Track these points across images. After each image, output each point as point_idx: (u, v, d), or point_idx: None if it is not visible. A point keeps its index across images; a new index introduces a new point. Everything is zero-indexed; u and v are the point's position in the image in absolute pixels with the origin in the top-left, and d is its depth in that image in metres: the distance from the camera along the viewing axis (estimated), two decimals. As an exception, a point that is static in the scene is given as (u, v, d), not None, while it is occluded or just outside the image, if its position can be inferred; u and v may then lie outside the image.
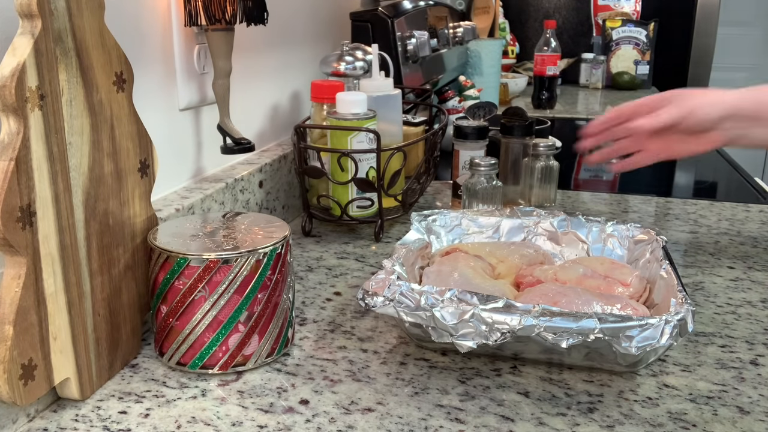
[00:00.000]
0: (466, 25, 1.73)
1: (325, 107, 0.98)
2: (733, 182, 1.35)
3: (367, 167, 0.91)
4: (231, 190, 0.86)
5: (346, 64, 1.04)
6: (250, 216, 0.67)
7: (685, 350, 0.66)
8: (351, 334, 0.69)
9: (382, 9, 1.29)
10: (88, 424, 0.55)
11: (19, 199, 0.48)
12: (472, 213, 0.84)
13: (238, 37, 0.88)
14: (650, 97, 0.83)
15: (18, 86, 0.48)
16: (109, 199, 0.59)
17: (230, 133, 0.83)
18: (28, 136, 0.49)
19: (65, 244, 0.54)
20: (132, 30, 0.71)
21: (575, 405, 0.57)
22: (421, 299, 0.59)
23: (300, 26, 1.12)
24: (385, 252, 0.91)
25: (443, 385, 0.60)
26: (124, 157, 0.61)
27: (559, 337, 0.56)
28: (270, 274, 0.61)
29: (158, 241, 0.61)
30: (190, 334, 0.60)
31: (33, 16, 0.49)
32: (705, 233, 0.99)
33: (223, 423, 0.55)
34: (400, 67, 1.29)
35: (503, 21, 2.41)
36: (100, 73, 0.57)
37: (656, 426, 0.55)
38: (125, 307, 0.62)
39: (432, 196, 1.16)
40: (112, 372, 0.61)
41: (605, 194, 1.19)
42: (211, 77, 0.81)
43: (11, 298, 0.49)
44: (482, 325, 0.57)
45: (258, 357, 0.62)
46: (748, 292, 0.80)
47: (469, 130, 1.01)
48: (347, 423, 0.55)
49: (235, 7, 0.75)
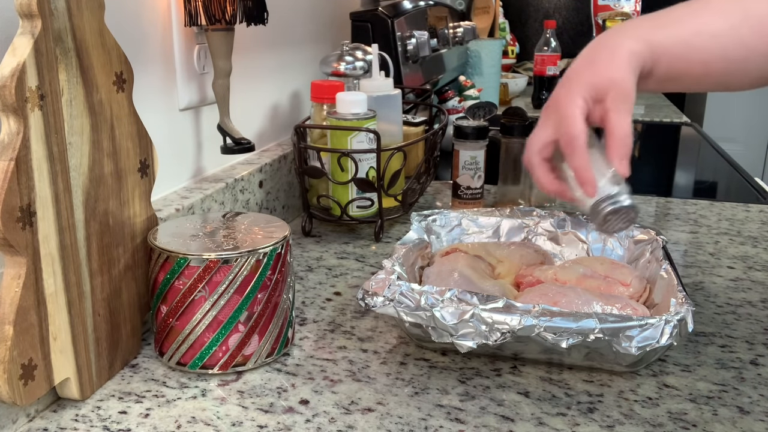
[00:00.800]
0: (466, 25, 1.73)
1: (325, 107, 0.98)
2: (733, 182, 1.35)
3: (367, 167, 0.91)
4: (231, 190, 0.86)
5: (346, 64, 1.04)
6: (250, 216, 0.67)
7: (685, 350, 0.66)
8: (351, 334, 0.69)
9: (382, 9, 1.29)
10: (88, 424, 0.55)
11: (19, 199, 0.48)
12: (472, 213, 0.84)
13: (238, 37, 0.88)
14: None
15: (18, 86, 0.48)
16: (109, 199, 0.59)
17: (230, 133, 0.83)
18: (28, 136, 0.49)
19: (65, 244, 0.54)
20: (132, 30, 0.71)
21: (575, 405, 0.57)
22: (421, 299, 0.59)
23: (300, 26, 1.12)
24: (385, 252, 0.91)
25: (443, 385, 0.60)
26: (124, 157, 0.61)
27: (559, 337, 0.56)
28: (270, 274, 0.61)
29: (158, 241, 0.61)
30: (190, 334, 0.60)
31: (33, 16, 0.49)
32: (705, 233, 0.99)
33: (223, 423, 0.55)
34: (400, 67, 1.29)
35: (503, 21, 2.41)
36: (100, 73, 0.57)
37: (656, 426, 0.55)
38: (125, 307, 0.62)
39: (432, 196, 1.16)
40: (112, 372, 0.61)
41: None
42: (211, 77, 0.81)
43: (11, 298, 0.49)
44: (482, 325, 0.57)
45: (258, 357, 0.62)
46: (748, 292, 0.80)
47: (469, 130, 1.01)
48: (347, 423, 0.55)
49: (235, 7, 0.75)
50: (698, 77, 0.61)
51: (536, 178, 0.63)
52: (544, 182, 0.63)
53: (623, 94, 0.58)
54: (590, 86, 0.59)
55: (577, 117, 0.59)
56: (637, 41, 0.60)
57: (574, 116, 0.59)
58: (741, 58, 0.60)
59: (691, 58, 0.60)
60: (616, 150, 0.58)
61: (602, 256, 0.78)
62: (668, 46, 0.60)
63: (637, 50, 0.59)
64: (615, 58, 0.59)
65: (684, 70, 0.61)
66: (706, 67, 0.60)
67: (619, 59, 0.59)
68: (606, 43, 0.61)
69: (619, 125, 0.58)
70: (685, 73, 0.61)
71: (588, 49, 0.62)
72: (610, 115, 0.58)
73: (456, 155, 1.03)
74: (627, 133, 0.58)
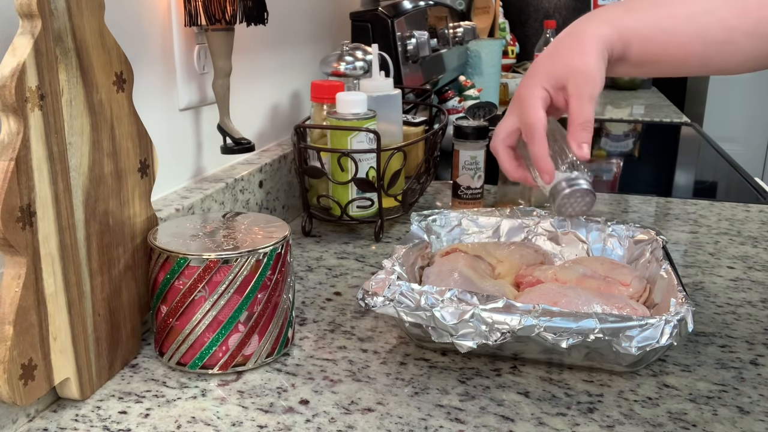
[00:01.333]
0: (466, 25, 1.73)
1: (325, 107, 0.98)
2: (733, 182, 1.35)
3: (367, 167, 0.91)
4: (231, 190, 0.86)
5: (346, 64, 1.04)
6: (250, 216, 0.67)
7: (685, 350, 0.66)
8: (351, 334, 0.69)
9: (382, 9, 1.29)
10: (88, 424, 0.55)
11: (19, 199, 0.48)
12: (472, 213, 0.84)
13: (238, 37, 0.88)
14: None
15: (18, 86, 0.48)
16: (109, 199, 0.59)
17: (230, 133, 0.83)
18: (28, 136, 0.49)
19: (65, 244, 0.54)
20: (132, 30, 0.71)
21: (575, 405, 0.57)
22: (421, 299, 0.59)
23: (300, 26, 1.12)
24: (385, 252, 0.91)
25: (443, 385, 0.60)
26: (124, 157, 0.61)
27: (559, 337, 0.56)
28: (270, 274, 0.61)
29: (158, 241, 0.61)
30: (190, 334, 0.60)
31: (33, 16, 0.49)
32: (705, 233, 0.99)
33: (223, 423, 0.55)
34: (400, 67, 1.29)
35: (503, 21, 2.41)
36: (100, 73, 0.57)
37: (656, 426, 0.55)
38: (125, 307, 0.62)
39: (432, 196, 1.16)
40: (112, 372, 0.61)
41: (605, 194, 1.19)
42: (211, 77, 0.81)
43: (11, 298, 0.49)
44: (482, 325, 0.57)
45: (258, 357, 0.62)
46: (748, 292, 0.80)
47: (469, 130, 1.01)
48: (347, 423, 0.55)
49: (235, 7, 0.75)
50: (678, 60, 0.60)
51: (501, 164, 0.65)
52: (508, 169, 0.65)
53: (584, 79, 0.58)
54: (550, 75, 0.60)
55: (535, 106, 0.60)
56: (605, 25, 0.60)
57: (533, 106, 0.60)
58: (722, 40, 0.58)
59: (667, 41, 0.59)
60: (574, 135, 0.59)
61: (602, 256, 0.78)
62: (639, 29, 0.60)
63: (604, 34, 0.59)
64: (579, 45, 0.59)
65: (660, 53, 0.60)
66: (684, 50, 0.59)
67: (584, 45, 0.59)
68: (573, 30, 0.62)
69: (577, 111, 0.58)
70: (662, 56, 0.60)
71: (556, 38, 0.63)
72: (571, 101, 0.59)
73: (456, 155, 1.03)
74: (586, 118, 0.59)
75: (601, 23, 0.60)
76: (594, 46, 0.59)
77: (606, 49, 0.59)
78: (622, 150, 1.59)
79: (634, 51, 0.60)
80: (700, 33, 0.58)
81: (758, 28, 0.57)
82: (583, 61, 0.59)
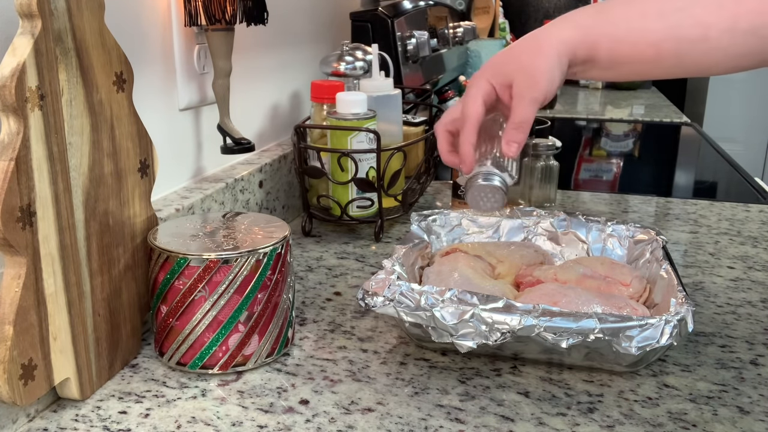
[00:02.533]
0: (466, 25, 1.73)
1: (325, 107, 0.98)
2: (733, 182, 1.35)
3: (367, 167, 0.91)
4: (231, 190, 0.86)
5: (346, 64, 1.04)
6: (250, 216, 0.67)
7: (685, 350, 0.66)
8: (351, 334, 0.69)
9: (382, 9, 1.29)
10: (88, 424, 0.55)
11: (19, 199, 0.48)
12: (472, 213, 0.84)
13: (238, 37, 0.88)
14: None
15: (18, 86, 0.48)
16: (109, 199, 0.59)
17: (230, 133, 0.83)
18: (28, 136, 0.49)
19: (65, 244, 0.54)
20: (132, 30, 0.71)
21: (575, 405, 0.57)
22: (421, 299, 0.59)
23: (300, 26, 1.12)
24: (385, 252, 0.91)
25: (443, 385, 0.60)
26: (124, 157, 0.61)
27: (559, 337, 0.56)
28: (270, 274, 0.61)
29: (158, 241, 0.61)
30: (190, 334, 0.60)
31: (33, 16, 0.49)
32: (705, 233, 0.99)
33: (223, 423, 0.55)
34: (400, 67, 1.29)
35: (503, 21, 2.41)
36: (100, 73, 0.57)
37: (656, 426, 0.55)
38: (125, 307, 0.62)
39: (432, 196, 1.16)
40: (112, 372, 0.61)
41: (605, 194, 1.19)
42: (211, 77, 0.81)
43: (11, 298, 0.49)
44: (482, 325, 0.57)
45: (258, 357, 0.62)
46: (748, 292, 0.80)
47: (469, 130, 1.01)
48: (347, 423, 0.55)
49: (235, 7, 0.75)
50: (651, 60, 0.58)
51: (438, 147, 0.67)
52: (442, 153, 0.67)
53: (529, 81, 0.59)
54: (499, 71, 0.61)
55: (474, 98, 0.61)
56: (571, 28, 0.59)
57: (472, 97, 0.61)
58: (696, 37, 0.56)
59: (637, 40, 0.57)
60: (507, 133, 0.60)
61: (602, 256, 0.78)
62: (606, 30, 0.58)
63: (566, 37, 0.59)
64: (535, 46, 0.60)
65: (631, 54, 0.58)
66: (656, 48, 0.57)
67: (540, 47, 0.59)
68: (537, 31, 0.62)
69: (516, 111, 0.59)
70: (633, 56, 0.58)
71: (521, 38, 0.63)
72: (513, 101, 0.60)
73: (456, 155, 1.03)
74: (523, 119, 0.59)
75: (567, 26, 0.59)
76: (550, 50, 0.58)
77: (566, 53, 0.58)
78: (622, 150, 1.59)
79: (603, 52, 0.58)
80: (672, 31, 0.56)
81: (736, 25, 0.54)
82: (532, 62, 0.59)
